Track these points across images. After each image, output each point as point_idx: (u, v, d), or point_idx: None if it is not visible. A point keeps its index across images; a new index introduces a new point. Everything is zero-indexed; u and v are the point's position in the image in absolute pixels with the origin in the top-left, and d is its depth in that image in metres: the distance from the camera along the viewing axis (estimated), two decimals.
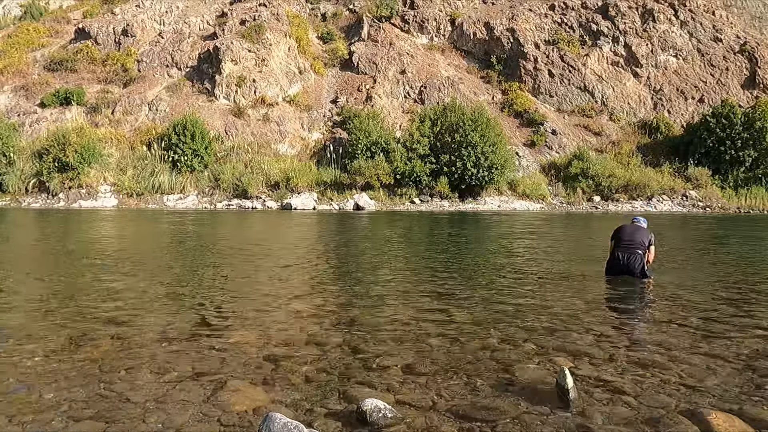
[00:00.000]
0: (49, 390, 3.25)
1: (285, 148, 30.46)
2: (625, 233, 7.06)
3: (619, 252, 6.98)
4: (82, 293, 6.12)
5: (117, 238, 13.33)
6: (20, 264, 8.66)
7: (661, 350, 4.10)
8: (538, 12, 37.83)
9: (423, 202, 26.86)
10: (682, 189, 28.71)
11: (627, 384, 3.40)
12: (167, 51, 35.13)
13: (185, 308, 5.41)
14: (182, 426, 2.82)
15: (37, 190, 27.36)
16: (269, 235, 14.39)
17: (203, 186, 28.00)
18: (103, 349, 4.00)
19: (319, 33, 38.74)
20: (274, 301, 5.77)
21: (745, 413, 2.99)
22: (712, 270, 8.15)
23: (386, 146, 27.53)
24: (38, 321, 4.84)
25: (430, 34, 38.42)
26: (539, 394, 3.22)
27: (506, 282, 7.03)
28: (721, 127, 28.89)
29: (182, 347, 4.08)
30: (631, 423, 2.88)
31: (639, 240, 6.94)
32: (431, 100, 32.77)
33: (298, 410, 3.01)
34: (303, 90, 33.66)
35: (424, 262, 8.77)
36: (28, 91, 32.70)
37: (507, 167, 27.51)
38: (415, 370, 3.64)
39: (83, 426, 2.82)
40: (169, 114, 30.72)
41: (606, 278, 7.03)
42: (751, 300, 6.05)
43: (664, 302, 5.90)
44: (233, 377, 3.48)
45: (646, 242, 6.96)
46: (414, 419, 2.90)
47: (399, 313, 5.18)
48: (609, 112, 33.97)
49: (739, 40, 35.77)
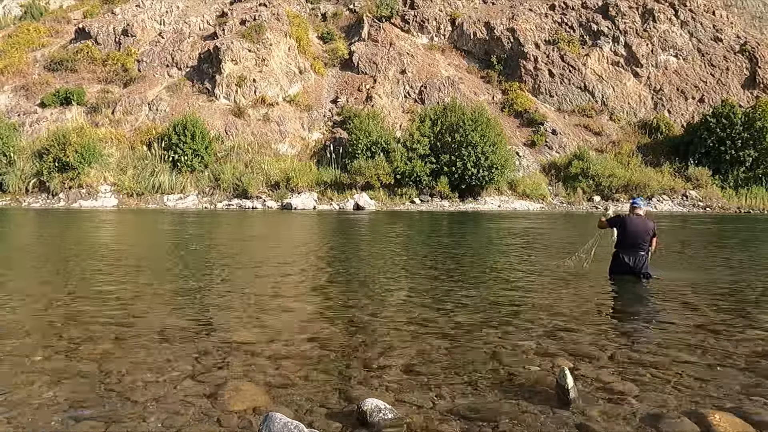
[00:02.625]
0: (49, 390, 3.25)
1: (285, 148, 30.45)
2: (628, 232, 6.90)
3: (623, 254, 6.92)
4: (83, 293, 6.12)
5: (117, 239, 13.33)
6: (20, 264, 8.66)
7: (661, 350, 4.10)
8: (538, 12, 37.82)
9: (423, 202, 26.86)
10: (682, 189, 28.71)
11: (627, 384, 3.40)
12: (167, 51, 35.13)
13: (185, 308, 5.41)
14: (182, 426, 2.82)
15: (37, 190, 27.36)
16: (269, 235, 14.39)
17: (203, 186, 28.00)
18: (103, 349, 4.00)
19: (319, 33, 38.74)
20: (275, 301, 5.77)
21: (745, 413, 2.99)
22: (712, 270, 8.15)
23: (386, 146, 27.53)
24: (39, 321, 4.84)
25: (430, 34, 38.41)
26: (539, 394, 3.22)
27: (506, 282, 7.03)
28: (721, 127, 28.88)
29: (182, 347, 4.08)
30: (631, 423, 2.88)
31: (643, 238, 6.83)
32: (431, 100, 32.76)
33: (298, 410, 3.00)
34: (303, 90, 33.66)
35: (424, 262, 8.77)
36: (28, 91, 32.70)
37: (507, 167, 27.51)
38: (415, 370, 3.64)
39: (83, 426, 2.82)
40: (169, 114, 30.72)
41: (608, 278, 7.02)
42: (752, 300, 6.05)
43: (664, 302, 5.90)
44: (233, 377, 3.47)
45: (649, 237, 6.84)
46: (414, 419, 2.90)
47: (399, 313, 5.18)
48: (609, 111, 33.97)
49: (740, 39, 35.76)
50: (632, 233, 6.90)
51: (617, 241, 7.06)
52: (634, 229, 6.90)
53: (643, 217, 7.01)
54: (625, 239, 6.95)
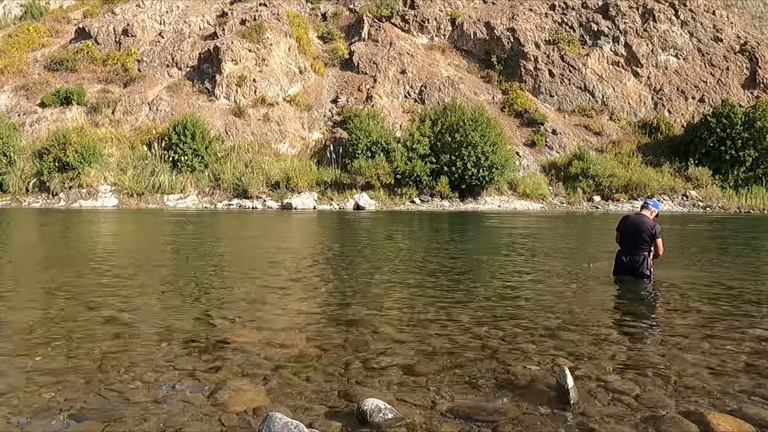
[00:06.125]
0: (49, 390, 3.25)
1: (285, 147, 30.46)
2: (628, 232, 6.88)
3: (622, 254, 6.94)
4: (83, 293, 6.12)
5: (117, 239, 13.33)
6: (20, 264, 8.66)
7: (661, 350, 4.10)
8: (538, 12, 37.82)
9: (423, 201, 26.86)
10: (682, 189, 28.70)
11: (627, 384, 3.40)
12: (167, 51, 35.13)
13: (185, 308, 5.41)
14: (182, 426, 2.82)
15: (37, 190, 27.37)
16: (269, 235, 14.39)
17: (203, 186, 28.00)
18: (103, 349, 4.00)
19: (319, 33, 38.74)
20: (275, 301, 5.77)
21: (745, 413, 2.99)
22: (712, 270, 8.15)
23: (386, 146, 27.53)
24: (38, 320, 4.84)
25: (430, 33, 38.41)
26: (539, 394, 3.22)
27: (506, 281, 7.03)
28: (721, 126, 28.87)
29: (182, 347, 4.08)
30: (631, 423, 2.88)
31: (642, 239, 6.77)
32: (431, 99, 32.76)
33: (298, 410, 3.00)
34: (303, 90, 33.66)
35: (424, 262, 8.77)
36: (28, 90, 32.69)
37: (507, 167, 27.51)
38: (415, 370, 3.64)
39: (83, 426, 2.82)
40: (169, 114, 30.72)
41: (609, 278, 7.02)
42: (752, 300, 6.05)
43: (664, 302, 5.90)
44: (233, 377, 3.47)
45: (649, 238, 6.74)
46: (414, 419, 2.90)
47: (399, 313, 5.18)
48: (609, 111, 33.96)
49: (740, 39, 35.76)
50: (627, 232, 6.89)
51: (618, 242, 7.07)
52: (629, 229, 6.87)
53: (644, 217, 6.91)
54: (622, 239, 6.96)
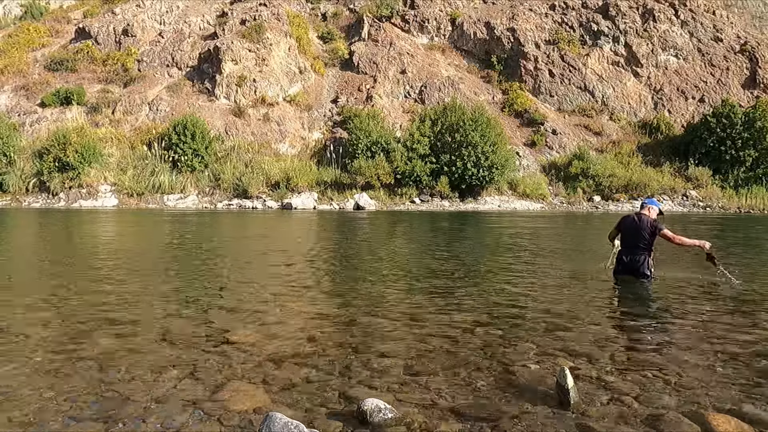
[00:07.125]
0: (49, 390, 3.25)
1: (285, 147, 30.46)
2: (628, 232, 6.88)
3: (623, 253, 6.95)
4: (83, 293, 6.12)
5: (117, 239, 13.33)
6: (20, 264, 8.66)
7: (661, 350, 4.10)
8: (538, 12, 37.83)
9: (423, 201, 26.86)
10: (682, 189, 28.71)
11: (627, 384, 3.40)
12: (167, 51, 35.14)
13: (185, 308, 5.41)
14: (182, 426, 2.82)
15: (37, 190, 27.38)
16: (269, 235, 14.39)
17: (203, 186, 28.01)
18: (103, 349, 4.00)
19: (319, 33, 38.75)
20: (275, 301, 5.76)
21: (745, 413, 2.99)
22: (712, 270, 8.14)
23: (386, 146, 27.54)
24: (38, 320, 4.84)
25: (430, 33, 38.42)
26: (539, 394, 3.22)
27: (506, 282, 7.02)
28: (721, 126, 28.89)
29: (182, 347, 4.08)
30: (631, 423, 2.88)
31: (642, 238, 6.74)
32: (431, 99, 32.77)
33: (299, 410, 3.00)
34: (303, 90, 33.67)
35: (424, 262, 8.77)
36: (28, 90, 32.71)
37: (507, 167, 27.52)
38: (415, 370, 3.64)
39: (83, 426, 2.82)
40: (169, 114, 30.73)
41: (610, 278, 7.02)
42: (752, 300, 6.05)
43: (665, 302, 5.90)
44: (233, 377, 3.47)
45: (650, 236, 6.70)
46: (414, 419, 2.90)
47: (399, 313, 5.18)
48: (609, 111, 33.98)
49: (740, 39, 35.77)
50: (627, 232, 6.91)
51: (618, 242, 7.09)
52: (629, 229, 6.89)
53: (643, 216, 6.88)
54: (622, 238, 6.99)
